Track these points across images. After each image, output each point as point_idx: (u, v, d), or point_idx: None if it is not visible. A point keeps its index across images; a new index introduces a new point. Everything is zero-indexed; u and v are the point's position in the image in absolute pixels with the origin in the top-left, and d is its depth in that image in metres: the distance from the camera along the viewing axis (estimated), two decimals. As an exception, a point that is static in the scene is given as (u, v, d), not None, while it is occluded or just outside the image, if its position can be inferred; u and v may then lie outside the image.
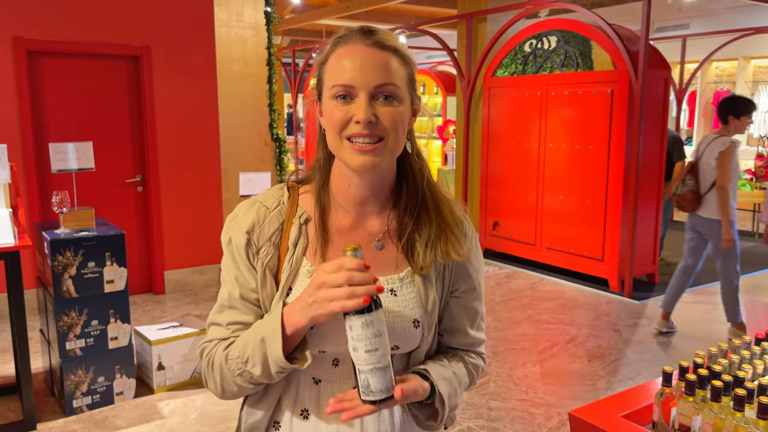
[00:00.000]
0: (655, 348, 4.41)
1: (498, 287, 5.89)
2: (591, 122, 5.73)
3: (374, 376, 0.95)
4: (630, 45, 5.45)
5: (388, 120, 1.03)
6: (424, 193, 1.14)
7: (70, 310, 3.35)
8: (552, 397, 3.65)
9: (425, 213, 1.14)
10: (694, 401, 1.51)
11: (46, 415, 3.39)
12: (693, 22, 10.22)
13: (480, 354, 1.27)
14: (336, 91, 1.03)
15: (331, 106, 1.04)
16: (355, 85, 1.02)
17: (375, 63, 1.03)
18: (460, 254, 1.13)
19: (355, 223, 1.13)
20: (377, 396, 0.96)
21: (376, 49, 1.04)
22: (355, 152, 1.03)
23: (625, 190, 5.51)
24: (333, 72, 1.04)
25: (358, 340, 0.94)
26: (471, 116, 7.22)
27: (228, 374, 1.09)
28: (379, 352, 0.94)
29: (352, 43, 1.04)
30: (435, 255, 1.12)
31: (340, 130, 1.04)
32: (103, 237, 3.41)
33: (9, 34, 4.68)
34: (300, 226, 1.13)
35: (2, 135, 4.55)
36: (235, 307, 1.12)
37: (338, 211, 1.13)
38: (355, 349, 0.95)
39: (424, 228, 1.13)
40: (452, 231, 1.14)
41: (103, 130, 5.18)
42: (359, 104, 1.02)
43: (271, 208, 1.14)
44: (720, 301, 4.67)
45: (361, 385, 0.96)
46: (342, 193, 1.13)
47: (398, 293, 1.11)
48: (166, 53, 5.33)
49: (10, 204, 3.37)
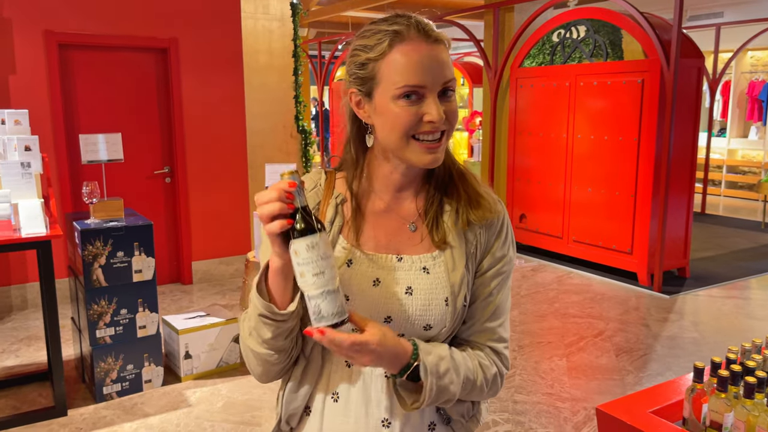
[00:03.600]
0: (685, 343, 4.33)
1: (524, 280, 5.84)
2: (620, 113, 5.62)
3: (324, 299, 0.94)
4: (662, 33, 5.32)
5: (452, 115, 1.06)
6: (450, 168, 1.17)
7: (99, 299, 3.40)
8: (578, 391, 3.61)
9: (453, 187, 1.16)
10: (726, 398, 1.48)
11: (77, 401, 3.46)
12: (727, 10, 9.96)
13: (499, 355, 1.16)
14: (404, 91, 1.03)
15: (398, 106, 1.04)
16: (426, 85, 1.03)
17: (439, 61, 1.04)
18: (493, 212, 1.15)
19: (389, 207, 1.16)
20: (329, 320, 0.95)
21: (435, 45, 1.05)
22: (424, 151, 1.06)
23: (656, 182, 5.40)
24: (397, 71, 1.03)
25: (304, 264, 0.94)
26: (498, 107, 7.15)
27: (244, 337, 1.09)
28: (327, 275, 0.94)
29: (413, 42, 1.04)
30: (468, 220, 1.13)
31: (408, 129, 1.04)
32: (131, 227, 3.46)
33: (41, 28, 4.76)
34: (336, 206, 1.14)
35: (34, 127, 4.63)
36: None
37: (373, 196, 1.16)
38: (302, 274, 0.94)
39: (453, 199, 1.15)
40: (482, 196, 1.16)
41: (131, 122, 5.25)
42: (430, 104, 1.04)
43: (309, 188, 1.17)
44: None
45: (313, 312, 0.95)
46: (382, 180, 1.15)
47: (431, 271, 1.11)
48: (193, 45, 5.37)
49: (42, 194, 3.43)
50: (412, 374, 1.03)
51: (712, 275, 5.92)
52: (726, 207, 9.73)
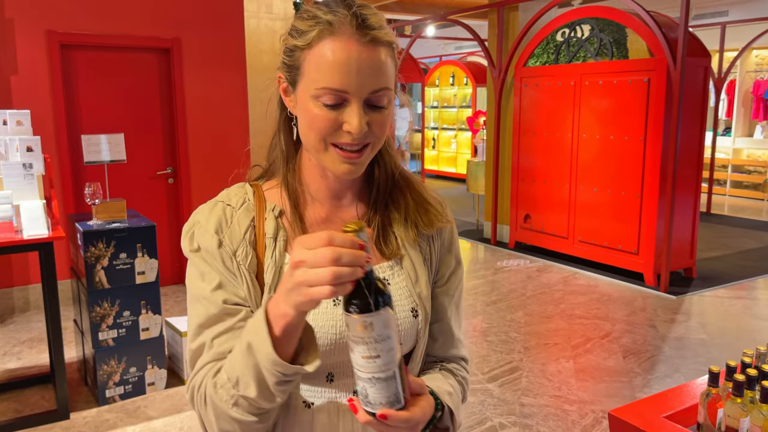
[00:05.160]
0: (693, 344, 4.28)
1: (529, 281, 5.80)
2: (626, 112, 5.58)
3: (373, 386, 0.79)
4: (668, 32, 5.28)
5: (378, 127, 0.93)
6: (394, 172, 1.06)
7: (102, 300, 3.38)
8: (586, 393, 3.57)
9: (398, 192, 1.06)
10: (742, 402, 1.44)
11: (79, 404, 3.43)
12: (732, 9, 9.90)
13: (466, 360, 1.15)
14: (323, 94, 0.89)
15: (315, 108, 0.91)
16: (349, 92, 0.89)
17: (371, 65, 0.89)
18: (443, 221, 1.07)
19: (331, 215, 1.04)
20: (375, 409, 0.81)
21: (371, 46, 0.89)
22: (340, 160, 0.93)
23: (662, 182, 5.36)
24: (320, 68, 0.89)
25: (354, 342, 0.78)
26: (502, 107, 7.11)
27: (221, 407, 0.88)
28: (381, 360, 0.78)
29: (344, 38, 0.89)
30: (417, 228, 1.04)
31: (325, 135, 0.92)
32: (134, 228, 3.43)
33: (43, 28, 4.74)
34: (275, 219, 1.00)
35: (37, 127, 4.61)
36: (219, 319, 0.94)
37: (312, 203, 1.04)
38: (352, 350, 0.79)
39: (400, 206, 1.05)
40: (429, 203, 1.07)
41: (134, 123, 5.23)
42: (352, 113, 0.90)
43: (237, 205, 1.00)
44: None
45: (360, 393, 0.82)
46: (315, 186, 1.03)
47: (391, 282, 1.02)
48: (196, 45, 5.35)
49: (44, 195, 3.41)
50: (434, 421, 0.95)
51: (718, 275, 5.87)
52: (731, 207, 9.67)
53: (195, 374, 0.93)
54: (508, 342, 4.34)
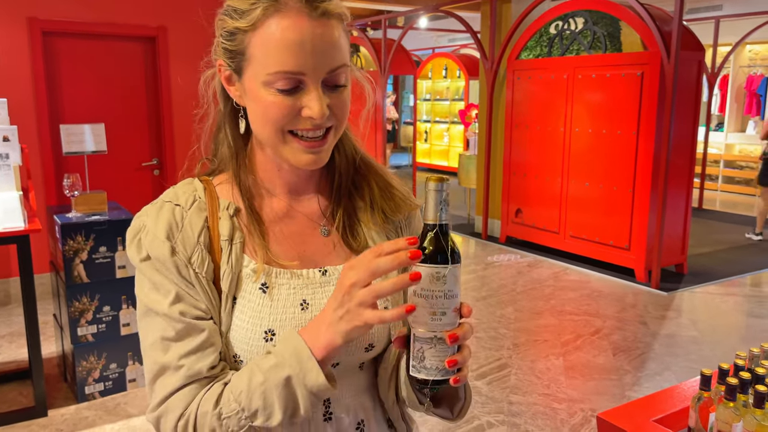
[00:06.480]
0: (684, 341, 4.24)
1: (520, 276, 5.75)
2: (619, 106, 5.52)
3: (433, 347, 0.75)
4: (662, 25, 5.22)
5: (339, 109, 0.86)
6: (354, 158, 0.99)
7: (81, 295, 3.29)
8: (575, 391, 3.52)
9: (361, 178, 0.99)
10: (734, 407, 1.39)
11: (58, 401, 3.35)
12: (726, 3, 9.86)
13: None
14: (276, 79, 0.82)
15: (269, 96, 0.83)
16: (306, 72, 0.82)
17: (326, 42, 0.82)
18: (410, 206, 1.01)
19: (291, 210, 0.96)
20: (430, 374, 0.76)
21: (324, 20, 0.82)
22: (302, 150, 0.86)
23: (654, 177, 5.31)
24: (269, 51, 0.81)
25: (420, 296, 0.74)
26: (494, 100, 7.04)
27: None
28: (447, 319, 0.75)
29: (292, 14, 0.81)
30: (385, 215, 0.98)
31: (283, 125, 0.85)
32: (114, 221, 3.34)
33: (24, 15, 4.63)
34: (230, 218, 0.92)
35: (16, 116, 4.50)
36: (182, 336, 0.86)
37: (269, 198, 0.96)
38: (416, 308, 0.75)
39: (365, 193, 0.99)
40: (394, 187, 1.01)
41: (119, 113, 5.13)
42: (311, 96, 0.83)
43: (186, 205, 0.92)
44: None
45: (413, 357, 0.76)
46: (271, 180, 0.95)
47: None
48: (182, 34, 5.24)
49: (21, 187, 3.31)
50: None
51: (709, 272, 5.84)
52: (723, 202, 9.66)
53: (165, 400, 0.85)
54: (498, 338, 4.29)
